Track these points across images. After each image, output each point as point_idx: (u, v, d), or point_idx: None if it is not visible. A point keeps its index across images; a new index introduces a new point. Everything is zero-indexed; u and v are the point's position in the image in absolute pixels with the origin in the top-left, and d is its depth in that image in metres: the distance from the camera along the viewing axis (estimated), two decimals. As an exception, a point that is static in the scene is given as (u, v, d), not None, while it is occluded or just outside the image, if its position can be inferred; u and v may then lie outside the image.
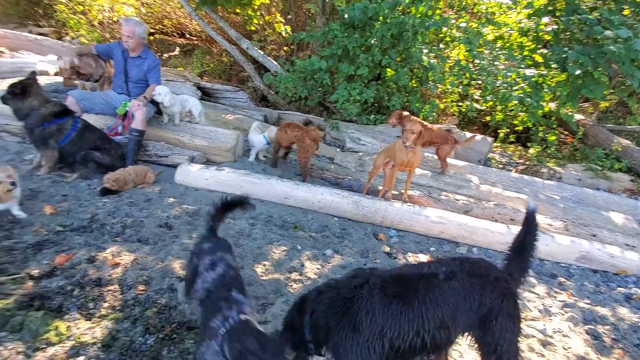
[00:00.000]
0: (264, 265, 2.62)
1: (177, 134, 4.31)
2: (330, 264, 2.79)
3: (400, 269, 1.78)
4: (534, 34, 5.55)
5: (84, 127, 3.50)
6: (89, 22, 9.31)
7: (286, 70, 6.32)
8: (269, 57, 7.22)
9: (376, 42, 5.40)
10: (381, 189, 3.98)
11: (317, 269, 2.70)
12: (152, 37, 9.89)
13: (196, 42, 10.31)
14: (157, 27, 10.25)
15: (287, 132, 4.21)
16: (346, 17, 5.38)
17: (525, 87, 5.36)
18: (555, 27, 5.15)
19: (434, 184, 4.54)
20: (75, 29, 9.20)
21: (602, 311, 2.70)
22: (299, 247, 2.94)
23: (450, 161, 4.90)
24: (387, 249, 3.16)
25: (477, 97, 6.75)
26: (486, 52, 5.89)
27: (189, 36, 10.60)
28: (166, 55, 9.42)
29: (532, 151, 6.20)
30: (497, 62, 5.65)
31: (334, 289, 1.56)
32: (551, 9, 5.25)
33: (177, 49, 9.83)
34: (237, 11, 7.50)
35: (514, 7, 5.99)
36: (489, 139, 5.91)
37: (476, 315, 1.54)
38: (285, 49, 7.88)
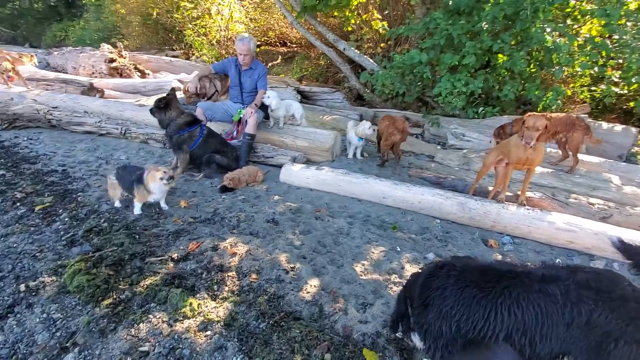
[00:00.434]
0: (363, 264, 2.63)
1: (281, 136, 4.66)
2: (432, 268, 2.63)
3: (493, 262, 1.66)
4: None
5: (208, 134, 4.06)
6: (209, 42, 10.79)
7: (383, 67, 6.22)
8: (365, 56, 7.23)
9: (486, 26, 4.88)
10: (491, 189, 3.59)
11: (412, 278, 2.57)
12: (258, 49, 10.93)
13: (296, 49, 11.00)
14: (262, 39, 11.29)
15: (380, 123, 4.56)
16: (450, 3, 5.00)
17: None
18: None
19: (560, 184, 3.89)
20: (199, 49, 10.78)
21: None
22: (398, 249, 2.85)
23: (581, 157, 4.13)
24: (499, 258, 2.82)
25: (616, 79, 5.52)
26: (629, 24, 4.77)
27: (289, 44, 11.37)
28: (270, 64, 10.29)
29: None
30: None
31: (428, 266, 1.68)
32: None
33: (279, 58, 10.64)
34: (335, 14, 7.70)
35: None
36: (633, 130, 4.82)
37: (583, 335, 1.27)
38: (382, 45, 7.77)
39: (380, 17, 7.48)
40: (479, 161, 4.51)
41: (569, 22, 5.55)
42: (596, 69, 5.35)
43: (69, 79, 7.01)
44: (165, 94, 4.01)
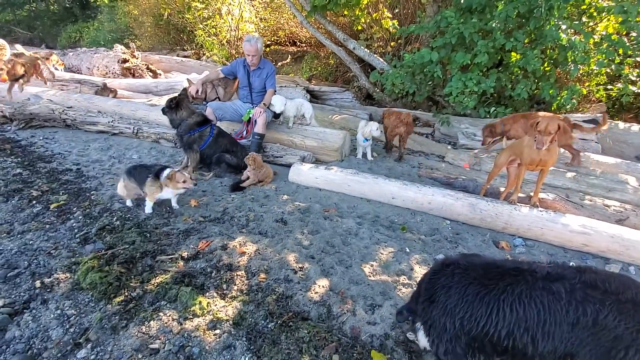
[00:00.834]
0: (371, 265, 2.61)
1: (291, 136, 4.66)
2: (442, 270, 2.60)
3: (497, 260, 1.61)
4: None
5: (218, 133, 4.09)
6: (220, 42, 10.88)
7: (393, 66, 6.17)
8: (375, 55, 7.19)
9: (499, 24, 4.80)
10: (503, 190, 3.53)
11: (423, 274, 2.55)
12: (267, 49, 10.97)
13: (305, 48, 11.00)
14: (272, 39, 11.33)
15: (386, 119, 4.90)
16: (462, 1, 4.93)
17: None
18: None
19: (574, 185, 3.81)
20: (210, 49, 10.88)
21: None
22: (407, 250, 2.83)
23: (597, 157, 4.03)
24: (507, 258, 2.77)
25: (633, 78, 5.39)
26: (647, 21, 4.63)
27: (299, 44, 11.38)
28: (280, 63, 10.31)
29: None
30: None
31: (435, 263, 1.71)
32: None
33: (289, 57, 10.66)
34: (345, 13, 7.68)
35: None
36: (653, 129, 4.66)
37: (591, 337, 1.24)
38: (392, 44, 7.72)
39: (390, 15, 7.43)
40: (490, 162, 4.45)
41: (585, 19, 5.42)
42: (613, 67, 5.21)
43: (84, 79, 7.15)
44: (176, 94, 4.06)
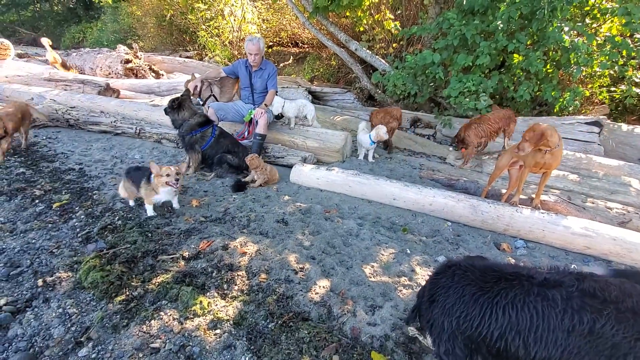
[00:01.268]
0: (372, 266, 2.61)
1: (292, 137, 4.67)
2: (443, 271, 2.60)
3: (497, 263, 1.64)
4: None
5: (220, 134, 4.10)
6: (222, 42, 10.92)
7: (395, 67, 6.18)
8: (377, 56, 7.19)
9: (501, 25, 4.80)
10: (504, 192, 3.52)
11: (429, 275, 2.54)
12: (270, 50, 10.99)
13: (307, 49, 11.02)
14: (274, 40, 11.35)
15: (375, 117, 5.14)
16: (464, 3, 4.93)
17: None
18: None
19: (576, 187, 3.80)
20: (212, 50, 10.91)
21: None
22: (408, 251, 2.83)
23: (599, 160, 4.02)
24: (512, 262, 2.77)
25: (637, 80, 5.38)
26: (651, 22, 4.62)
27: (301, 45, 11.40)
28: (282, 64, 10.33)
29: None
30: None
31: (439, 265, 1.77)
32: None
33: (291, 58, 10.68)
34: (347, 14, 7.69)
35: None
36: (657, 132, 4.64)
37: (588, 345, 1.24)
38: (394, 45, 7.72)
39: (392, 17, 7.44)
40: (492, 163, 4.44)
41: (588, 20, 5.41)
42: (616, 69, 5.21)
43: (87, 79, 7.19)
44: (179, 95, 4.07)
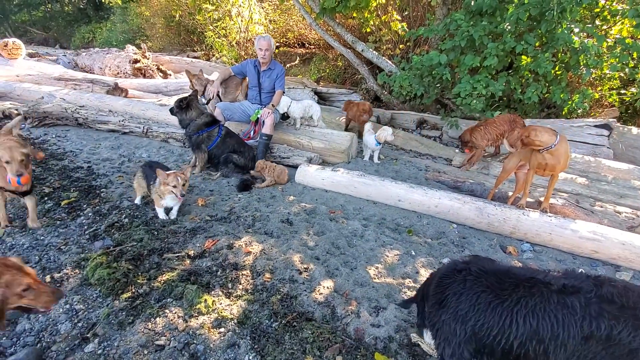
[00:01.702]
0: (377, 267, 2.61)
1: (298, 137, 4.68)
2: (448, 274, 2.58)
3: (512, 267, 1.59)
4: None
5: (226, 134, 4.13)
6: (229, 43, 10.98)
7: (401, 68, 6.16)
8: (383, 57, 7.18)
9: (509, 27, 4.76)
10: (511, 194, 3.49)
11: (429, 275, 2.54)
12: (277, 50, 11.03)
13: (314, 50, 11.04)
14: (281, 41, 11.39)
15: (349, 110, 5.52)
16: (472, 4, 4.90)
17: None
18: None
19: (585, 191, 3.75)
20: (219, 50, 10.98)
21: None
22: (413, 253, 2.82)
23: (609, 163, 3.97)
24: (519, 265, 2.74)
25: (648, 83, 5.31)
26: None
27: (308, 45, 11.42)
28: (288, 65, 10.36)
29: None
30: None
31: (445, 266, 1.69)
32: None
33: (298, 59, 10.71)
34: (354, 15, 7.69)
35: None
36: (669, 135, 4.57)
37: (605, 351, 1.23)
38: (401, 47, 7.71)
39: (399, 18, 7.42)
40: (499, 166, 4.40)
41: (598, 22, 5.34)
42: (626, 71, 5.13)
43: (96, 78, 7.28)
44: (186, 95, 4.10)
